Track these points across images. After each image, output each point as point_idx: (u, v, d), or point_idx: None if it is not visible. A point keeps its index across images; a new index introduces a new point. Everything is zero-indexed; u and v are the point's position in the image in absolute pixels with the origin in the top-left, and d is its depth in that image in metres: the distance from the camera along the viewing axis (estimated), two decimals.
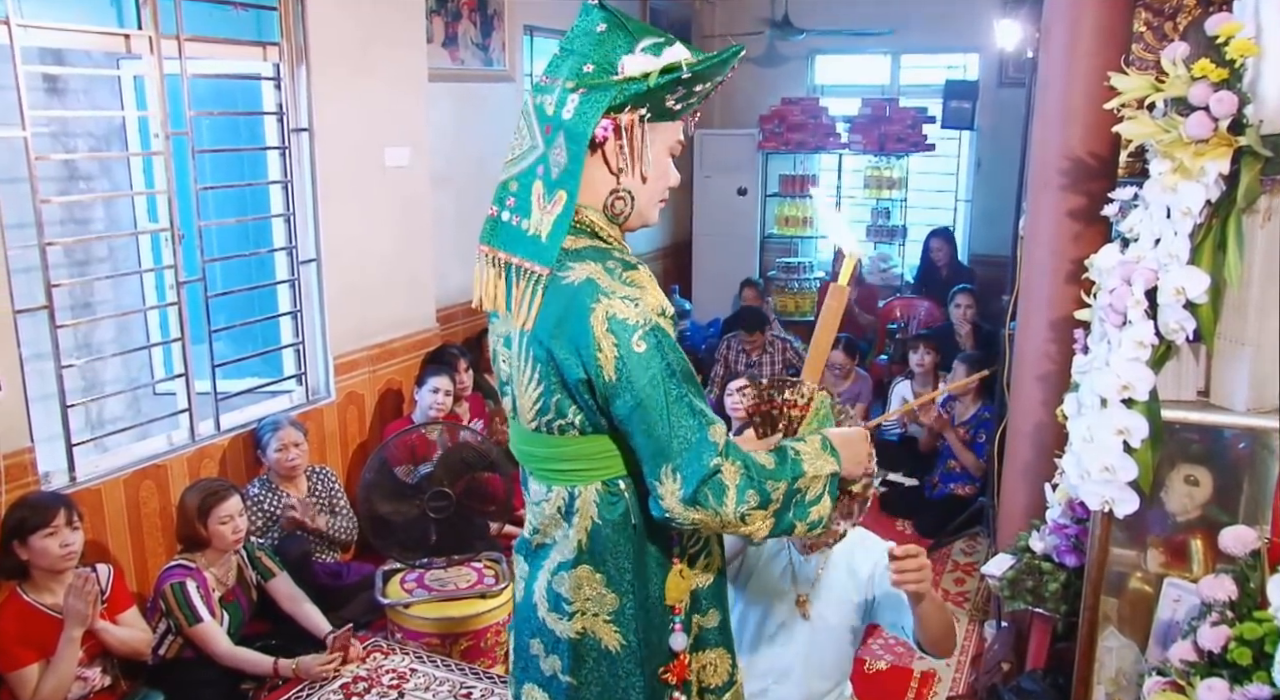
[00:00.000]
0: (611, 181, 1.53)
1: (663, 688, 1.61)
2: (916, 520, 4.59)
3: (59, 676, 2.75)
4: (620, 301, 1.42)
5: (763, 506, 1.44)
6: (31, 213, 3.07)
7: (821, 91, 7.83)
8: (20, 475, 2.98)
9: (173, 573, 3.09)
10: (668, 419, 1.41)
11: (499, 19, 5.34)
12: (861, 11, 7.27)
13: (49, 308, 3.13)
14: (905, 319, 6.39)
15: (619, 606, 1.56)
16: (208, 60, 3.70)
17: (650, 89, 1.46)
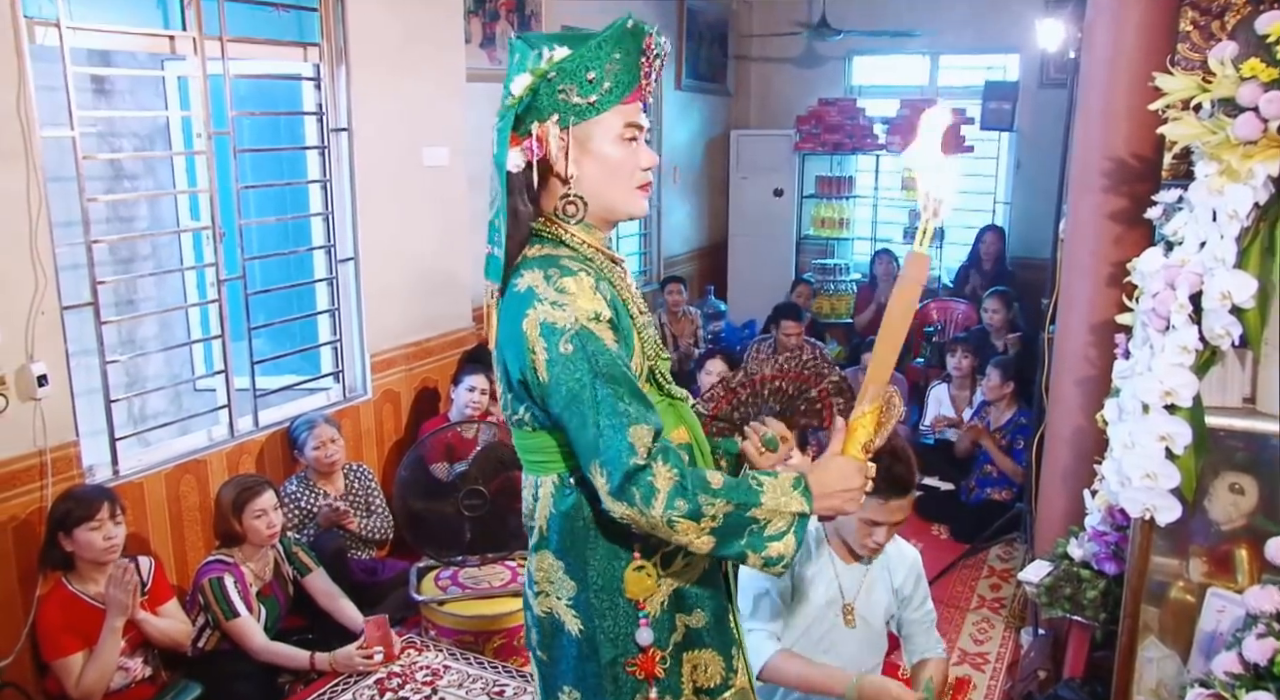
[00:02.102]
0: (564, 188, 1.58)
1: (629, 680, 1.63)
2: (952, 525, 4.54)
3: (101, 665, 2.80)
4: (549, 307, 1.48)
5: (692, 518, 1.45)
6: (79, 211, 3.13)
7: (859, 92, 7.78)
8: (65, 468, 3.03)
9: (210, 567, 3.14)
10: (595, 418, 1.46)
11: (536, 20, 5.36)
12: (900, 12, 7.22)
13: (94, 304, 3.19)
14: (942, 321, 6.33)
15: (576, 593, 1.63)
16: (249, 61, 3.75)
17: (532, 100, 1.52)
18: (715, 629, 1.71)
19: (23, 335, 2.89)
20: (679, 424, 1.69)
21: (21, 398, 2.90)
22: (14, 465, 2.90)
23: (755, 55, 8.11)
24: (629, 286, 1.67)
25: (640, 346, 1.61)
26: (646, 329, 1.66)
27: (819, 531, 2.51)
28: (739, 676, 1.75)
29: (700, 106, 7.56)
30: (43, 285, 2.92)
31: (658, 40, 1.59)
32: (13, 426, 2.88)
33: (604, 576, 1.61)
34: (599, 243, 1.63)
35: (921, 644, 2.60)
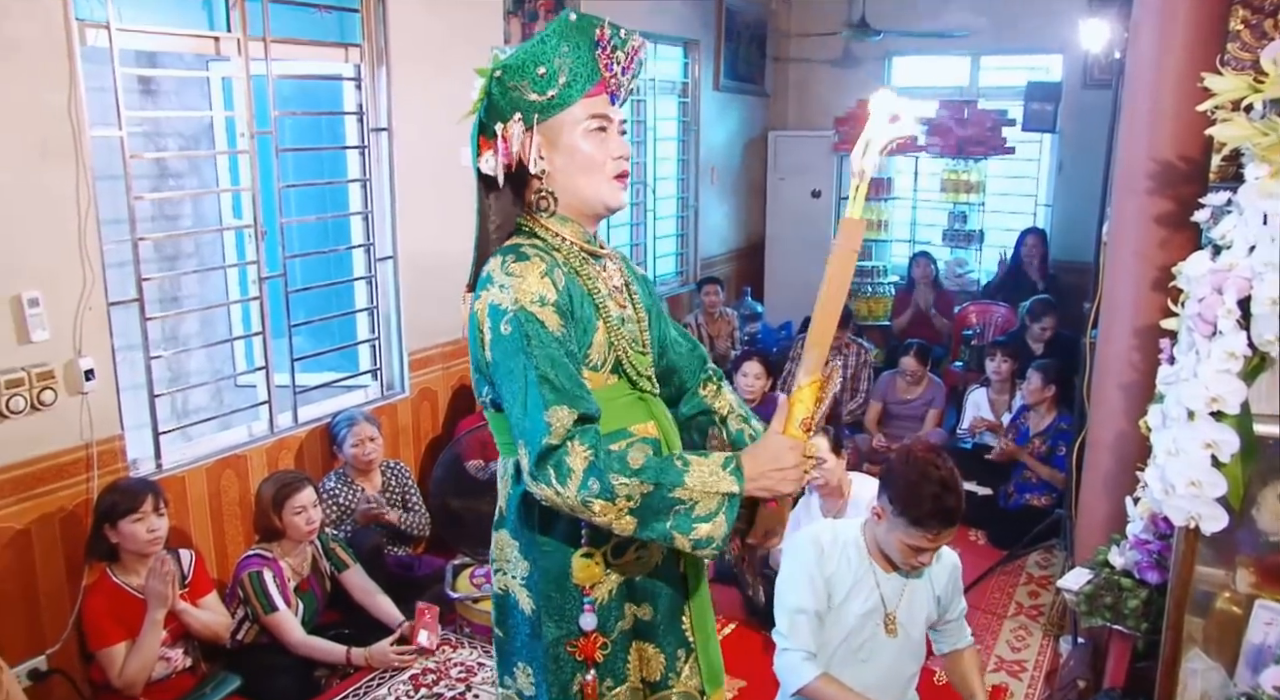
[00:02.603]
0: (537, 183, 1.64)
1: (570, 660, 1.67)
2: (990, 531, 4.49)
3: (143, 655, 2.85)
4: (497, 290, 1.55)
5: (605, 498, 1.46)
6: (125, 209, 3.19)
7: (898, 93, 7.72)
8: (111, 461, 3.08)
9: (250, 562, 3.18)
10: (523, 398, 1.50)
11: None
12: (940, 13, 7.15)
13: (139, 300, 3.24)
14: (981, 325, 6.27)
15: (528, 573, 1.68)
16: (292, 61, 3.79)
17: (489, 103, 1.60)
18: (665, 625, 1.73)
19: (71, 330, 2.95)
20: (648, 418, 1.71)
21: (70, 391, 2.95)
22: (62, 457, 2.96)
23: (794, 56, 8.07)
24: (607, 279, 1.69)
25: (606, 337, 1.64)
26: (625, 324, 1.69)
27: (860, 541, 2.48)
28: (683, 679, 1.76)
29: (738, 107, 7.54)
30: (91, 281, 2.98)
31: (614, 32, 1.61)
32: (61, 420, 2.94)
33: (553, 559, 1.65)
34: (574, 235, 1.66)
35: (952, 638, 2.61)
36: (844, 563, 2.45)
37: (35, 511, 2.91)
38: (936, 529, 2.28)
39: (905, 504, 2.29)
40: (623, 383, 1.68)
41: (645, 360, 1.73)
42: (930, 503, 2.25)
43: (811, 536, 2.51)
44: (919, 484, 2.27)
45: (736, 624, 3.70)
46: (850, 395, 5.48)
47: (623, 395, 1.68)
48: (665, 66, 6.65)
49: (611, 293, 1.69)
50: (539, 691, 1.70)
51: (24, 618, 2.92)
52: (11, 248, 2.79)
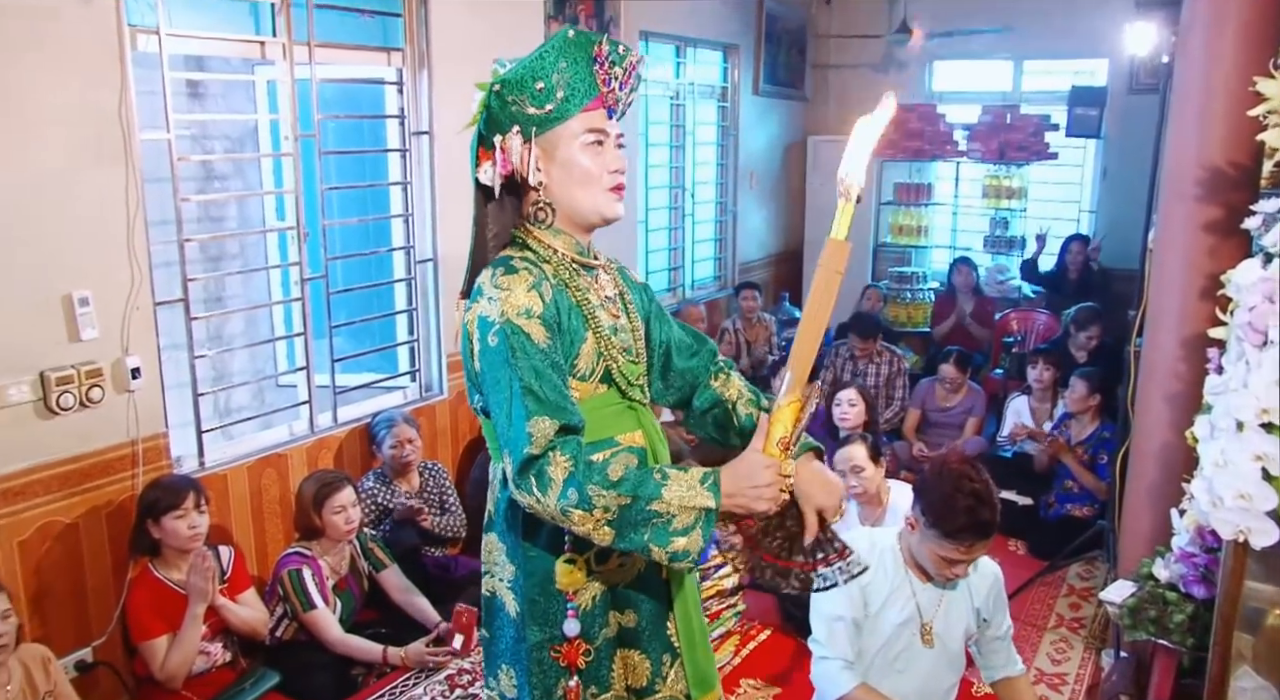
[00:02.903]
0: (534, 194, 1.68)
1: (554, 665, 1.69)
2: (1030, 541, 4.44)
3: (184, 649, 2.90)
4: (486, 302, 1.59)
5: (584, 509, 1.49)
6: (172, 211, 3.24)
7: (939, 98, 7.66)
8: (155, 458, 3.14)
9: (290, 559, 3.21)
10: (508, 408, 1.54)
11: (615, 24, 5.38)
12: (983, 17, 7.08)
13: (185, 300, 3.29)
14: (1022, 332, 6.19)
15: (514, 576, 1.71)
16: (335, 65, 3.84)
17: (488, 115, 1.64)
18: (650, 631, 1.75)
19: (119, 329, 3.00)
20: (636, 427, 1.74)
21: (117, 389, 3.01)
22: (108, 454, 3.01)
23: (834, 61, 8.04)
24: (599, 290, 1.72)
25: (595, 347, 1.66)
26: (618, 333, 1.72)
27: (896, 550, 2.46)
28: (667, 685, 1.77)
29: (778, 112, 7.52)
30: (138, 281, 3.03)
31: (612, 48, 1.64)
32: (108, 417, 2.99)
33: (538, 564, 1.68)
34: (566, 247, 1.69)
35: (1001, 661, 2.56)
36: (880, 571, 2.44)
37: (83, 506, 2.96)
38: (969, 541, 2.26)
39: (938, 516, 2.27)
40: (612, 392, 1.70)
41: (637, 369, 1.75)
42: (964, 515, 2.24)
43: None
44: (952, 496, 2.25)
45: (772, 630, 3.68)
46: (886, 403, 5.43)
47: (611, 404, 1.71)
48: (705, 71, 6.65)
49: (603, 303, 1.72)
50: (521, 694, 1.72)
51: (71, 610, 2.97)
52: (63, 247, 2.84)
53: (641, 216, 6.04)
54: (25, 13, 2.70)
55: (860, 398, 4.30)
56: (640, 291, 1.87)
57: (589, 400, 1.66)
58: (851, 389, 4.35)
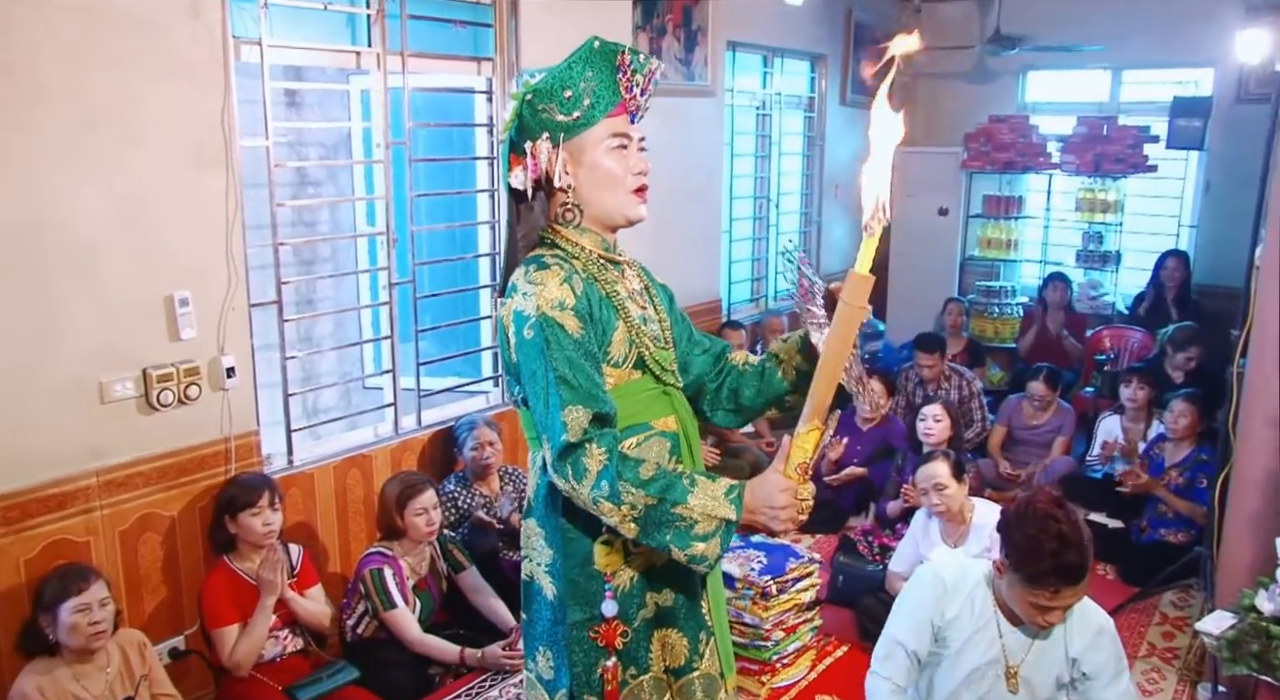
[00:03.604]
0: (563, 196, 1.77)
1: (593, 646, 1.75)
2: (1120, 566, 4.28)
3: (253, 638, 2.99)
4: (521, 297, 1.68)
5: (613, 502, 1.58)
6: (268, 215, 3.34)
7: (1032, 109, 7.48)
8: (247, 455, 3.23)
9: (371, 559, 3.27)
10: (544, 397, 1.63)
11: (703, 34, 5.39)
12: (1081, 25, 6.89)
13: (278, 303, 3.39)
14: (1116, 350, 6.00)
15: (552, 560, 1.77)
16: (427, 74, 3.91)
17: (519, 123, 1.73)
18: (686, 611, 1.81)
19: (215, 329, 3.10)
20: (669, 412, 1.81)
21: (212, 387, 3.11)
22: (203, 450, 3.11)
23: (924, 70, 7.91)
24: (626, 283, 1.82)
25: (626, 335, 1.74)
26: (647, 322, 1.81)
27: (986, 587, 2.37)
28: (705, 661, 1.83)
29: (865, 122, 7.42)
30: (235, 283, 3.13)
31: (634, 57, 1.73)
32: (204, 414, 3.10)
33: (577, 545, 1.74)
34: (594, 245, 1.78)
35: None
36: (967, 607, 2.35)
37: (180, 500, 3.07)
38: (1055, 587, 2.14)
39: (1022, 559, 2.17)
40: (646, 377, 1.78)
41: (668, 355, 1.84)
42: (1049, 559, 2.12)
43: (935, 573, 2.42)
44: (1037, 539, 2.14)
45: (849, 647, 3.62)
46: (965, 424, 5.27)
47: (646, 389, 1.78)
48: (791, 81, 6.61)
49: (631, 295, 1.81)
50: (558, 676, 1.78)
51: (166, 599, 3.08)
52: (166, 250, 2.95)
53: (726, 226, 6.02)
54: (139, 26, 2.81)
55: (945, 413, 4.22)
56: (662, 290, 1.97)
57: (624, 386, 1.74)
58: (936, 404, 4.27)
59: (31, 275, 2.67)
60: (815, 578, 3.47)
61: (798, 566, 3.39)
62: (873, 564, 3.98)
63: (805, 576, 3.42)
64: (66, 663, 2.56)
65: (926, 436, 4.17)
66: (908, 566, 3.56)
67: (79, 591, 2.51)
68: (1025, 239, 7.29)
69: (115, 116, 2.80)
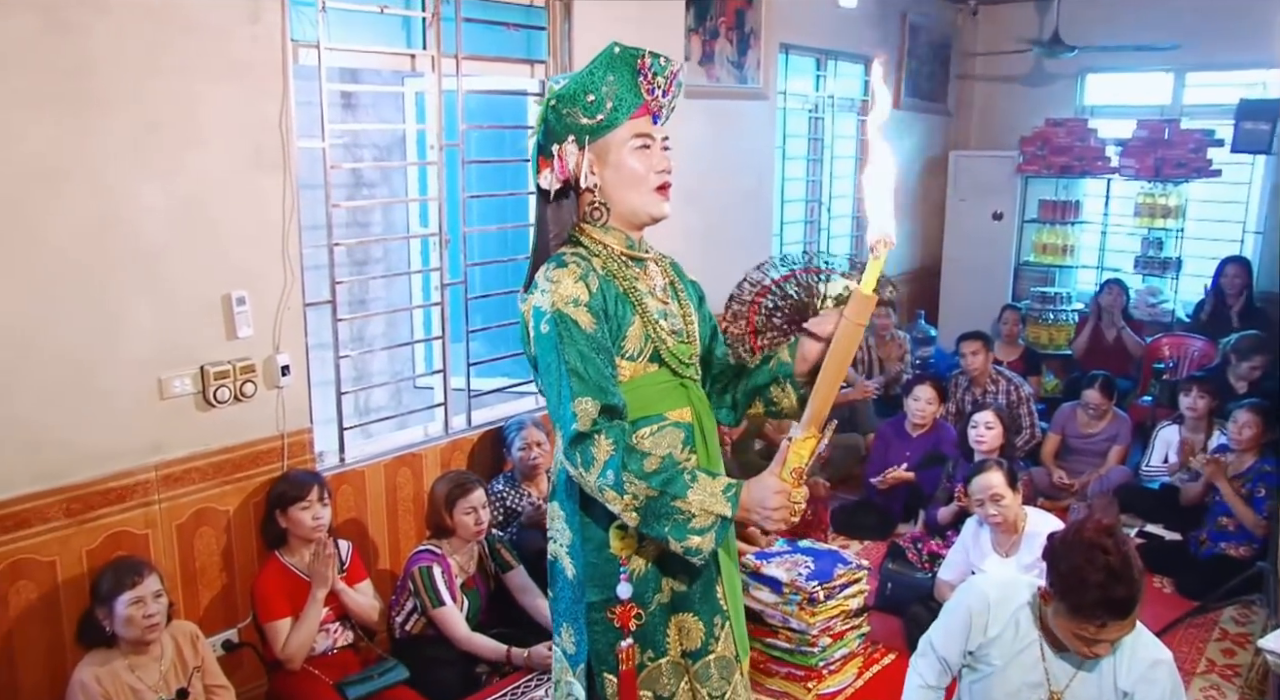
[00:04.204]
0: (590, 196, 1.84)
1: (609, 626, 1.82)
2: (1178, 579, 4.18)
3: (305, 630, 3.03)
4: (539, 294, 1.77)
5: (617, 491, 1.66)
6: (323, 216, 3.39)
7: (1090, 112, 7.34)
8: (300, 452, 3.28)
9: (420, 557, 3.30)
10: (558, 388, 1.72)
11: (755, 37, 5.37)
12: (1143, 26, 6.75)
13: (332, 302, 3.44)
14: (1175, 358, 5.86)
15: (573, 541, 1.85)
16: (481, 77, 3.94)
17: (546, 127, 1.81)
18: (701, 595, 1.87)
19: (271, 328, 3.15)
20: (685, 404, 1.88)
21: (267, 385, 3.16)
22: (259, 446, 3.17)
23: (979, 73, 7.81)
24: (647, 280, 1.88)
25: (642, 330, 1.82)
26: (667, 317, 1.87)
27: (1031, 610, 2.32)
28: (720, 644, 1.89)
29: (919, 126, 7.35)
30: (290, 283, 3.18)
31: (654, 60, 1.81)
32: (259, 411, 3.15)
33: (593, 530, 1.82)
34: (618, 242, 1.85)
35: None
36: (1010, 628, 2.30)
37: (235, 495, 3.13)
38: (1101, 621, 2.07)
39: (1067, 588, 2.11)
40: (662, 371, 1.85)
41: (688, 350, 1.90)
42: (1095, 592, 2.04)
43: (981, 589, 2.38)
44: (1083, 569, 2.07)
45: (897, 655, 3.58)
46: (1014, 431, 5.16)
47: (661, 382, 1.85)
48: (845, 84, 6.56)
49: (652, 291, 1.88)
50: (578, 650, 1.87)
51: (220, 592, 3.14)
52: (225, 250, 3.01)
53: (776, 230, 5.99)
54: (202, 31, 2.88)
55: (997, 420, 4.15)
56: (692, 286, 2.05)
57: (640, 378, 1.83)
58: (988, 411, 4.21)
59: (97, 273, 2.74)
60: (863, 584, 3.43)
61: (845, 572, 3.36)
62: (922, 572, 3.93)
63: (853, 582, 3.38)
64: (122, 654, 2.62)
65: (978, 443, 4.11)
66: (957, 575, 3.50)
67: (133, 585, 2.57)
68: (1082, 244, 7.16)
69: (177, 119, 2.86)
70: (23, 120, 2.54)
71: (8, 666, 2.67)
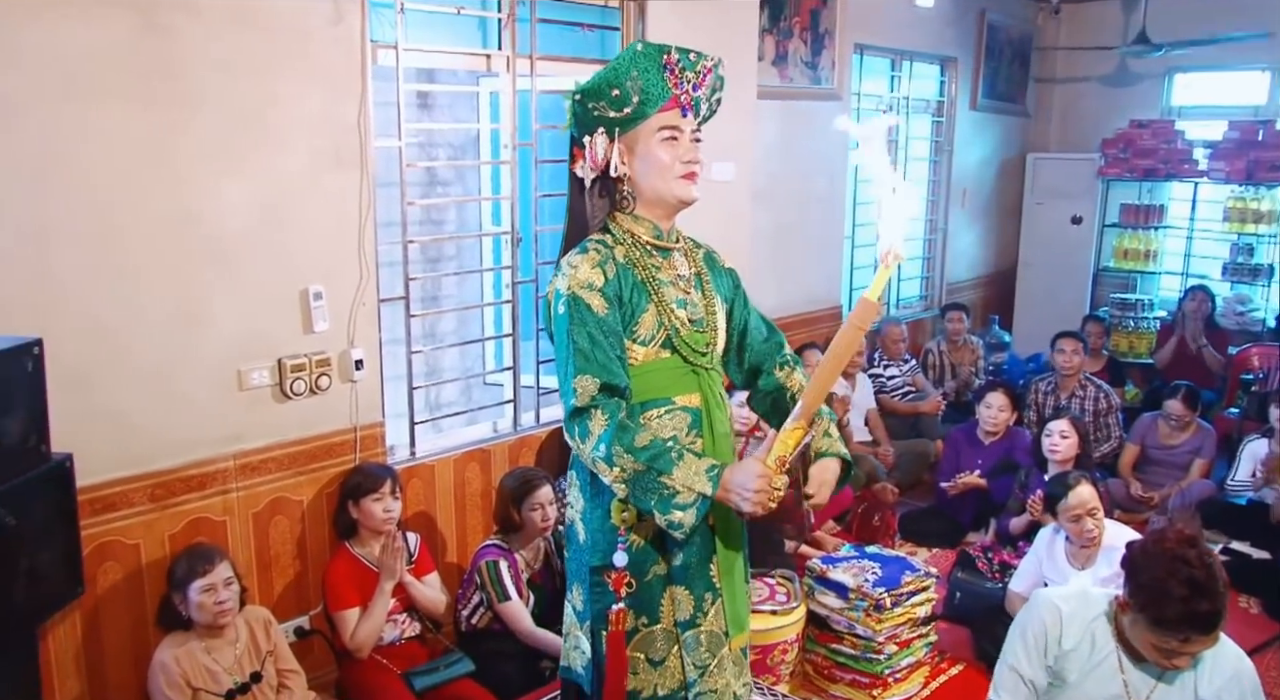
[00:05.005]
0: (621, 185, 1.94)
1: (605, 589, 1.93)
2: (1265, 598, 4.03)
3: (373, 620, 3.08)
4: (560, 277, 1.89)
5: (607, 463, 1.78)
6: (398, 213, 3.45)
7: (1178, 113, 7.13)
8: (372, 446, 3.34)
9: (488, 551, 3.34)
10: (565, 365, 1.84)
11: (830, 38, 5.32)
12: (1237, 24, 6.52)
13: (405, 299, 3.49)
14: (1265, 369, 5.65)
15: (583, 508, 1.98)
16: (555, 77, 3.97)
17: (575, 120, 1.92)
18: (694, 570, 1.95)
19: (346, 323, 3.21)
20: (694, 390, 1.95)
21: (342, 379, 3.22)
22: (332, 438, 3.23)
23: (1060, 74, 7.64)
24: (670, 269, 1.97)
25: (656, 317, 1.90)
26: (685, 306, 1.95)
27: (1107, 620, 2.25)
28: (708, 619, 1.97)
29: (995, 127, 7.21)
30: (366, 279, 3.24)
31: (682, 56, 1.90)
32: (333, 404, 3.22)
33: (600, 501, 1.93)
34: (645, 231, 1.96)
35: None
36: (1085, 640, 2.23)
37: (309, 486, 3.20)
38: (1185, 635, 2.00)
39: (1148, 601, 2.04)
40: (675, 357, 1.93)
41: (702, 339, 1.97)
42: (1178, 606, 1.98)
43: (1052, 602, 2.31)
44: (1165, 582, 2.00)
45: (964, 665, 3.52)
46: (1095, 438, 5.04)
47: (673, 368, 1.93)
48: (920, 85, 6.47)
49: (674, 280, 1.96)
50: (585, 608, 1.99)
51: (294, 580, 3.21)
52: (304, 246, 3.08)
53: (848, 232, 5.93)
54: (282, 32, 2.94)
55: (1073, 429, 4.05)
56: (726, 275, 2.12)
57: (652, 363, 1.92)
58: (1064, 420, 4.11)
59: (181, 268, 2.82)
60: (931, 592, 3.38)
61: (913, 580, 3.31)
62: (992, 582, 3.85)
63: (921, 590, 3.33)
64: (199, 637, 2.70)
65: (1052, 452, 4.02)
66: (1029, 586, 3.43)
67: (204, 573, 2.65)
68: (1165, 250, 6.95)
69: (260, 118, 2.93)
70: (116, 118, 2.63)
71: (95, 643, 2.77)
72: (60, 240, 2.57)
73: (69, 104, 2.54)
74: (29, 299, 2.52)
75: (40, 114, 2.50)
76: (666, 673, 1.97)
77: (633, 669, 1.95)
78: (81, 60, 2.55)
